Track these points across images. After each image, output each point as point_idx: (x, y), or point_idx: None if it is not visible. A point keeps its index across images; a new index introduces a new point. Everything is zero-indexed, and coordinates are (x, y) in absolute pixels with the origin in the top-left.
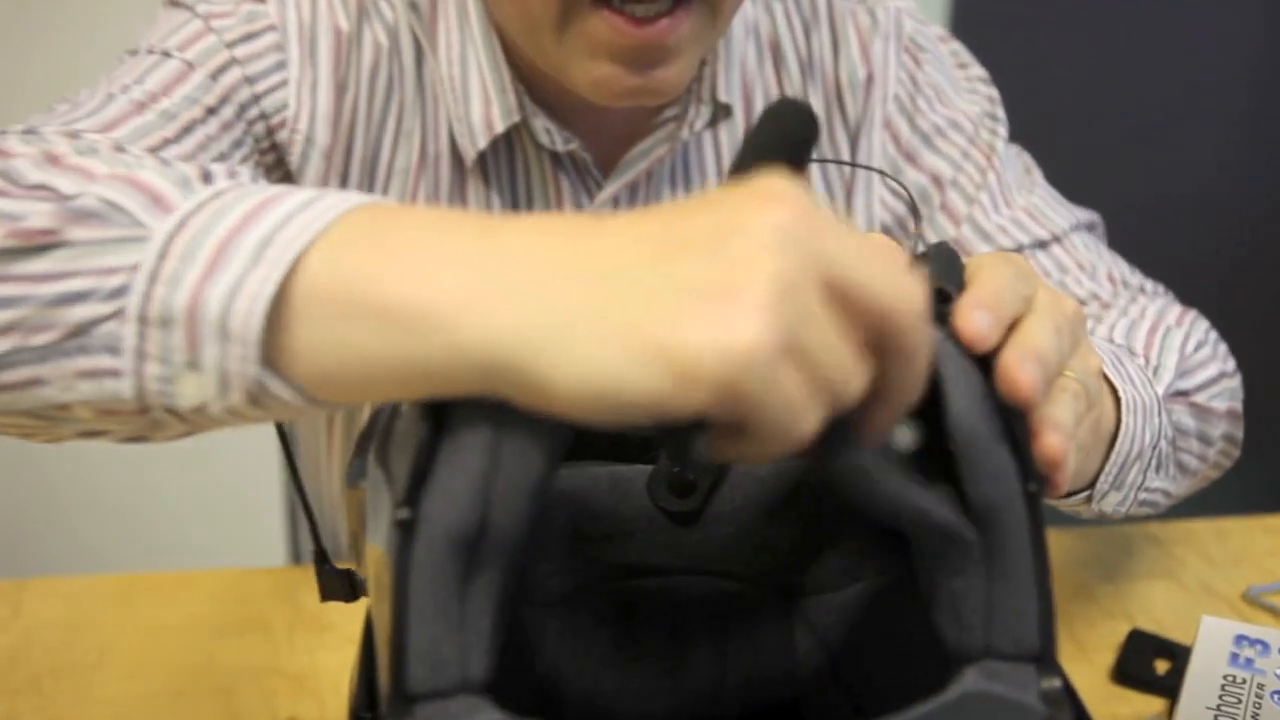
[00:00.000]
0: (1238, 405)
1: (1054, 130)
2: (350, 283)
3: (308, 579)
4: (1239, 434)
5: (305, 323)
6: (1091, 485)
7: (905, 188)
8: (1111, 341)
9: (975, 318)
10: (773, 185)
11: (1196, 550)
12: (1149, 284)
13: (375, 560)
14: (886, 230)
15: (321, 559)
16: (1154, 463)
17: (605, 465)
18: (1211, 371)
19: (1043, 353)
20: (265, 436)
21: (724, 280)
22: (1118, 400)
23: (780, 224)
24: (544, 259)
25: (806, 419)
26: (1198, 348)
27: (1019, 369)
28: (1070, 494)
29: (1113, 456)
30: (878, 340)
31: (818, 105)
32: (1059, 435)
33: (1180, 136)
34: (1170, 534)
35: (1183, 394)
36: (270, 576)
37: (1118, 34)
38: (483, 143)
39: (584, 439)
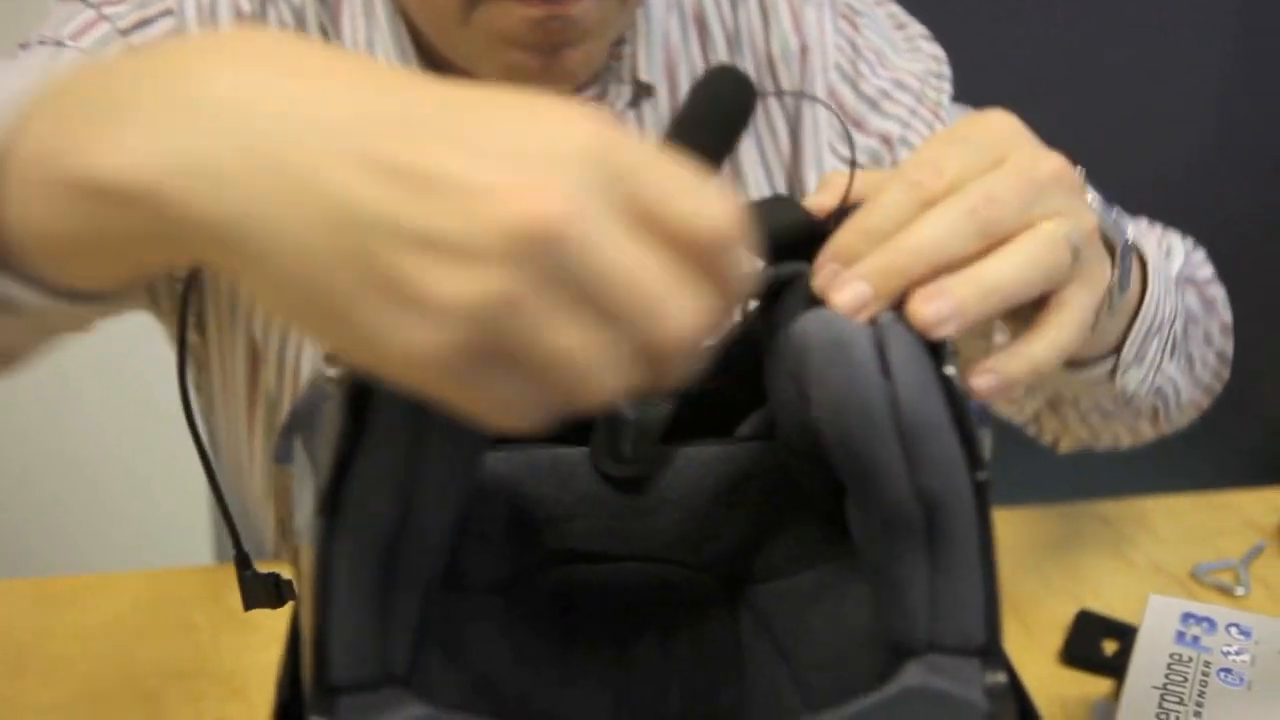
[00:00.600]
0: (1230, 319)
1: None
2: (46, 159)
3: (232, 578)
4: (1230, 351)
5: (20, 208)
6: (1117, 352)
7: (852, 143)
8: None
9: (935, 304)
10: (570, 149)
11: (1146, 529)
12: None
13: (303, 547)
14: None
15: (244, 565)
16: (1170, 345)
17: (546, 447)
18: (1210, 272)
19: (944, 288)
20: (186, 440)
21: (424, 287)
22: (1143, 266)
23: (522, 228)
24: (250, 131)
25: (528, 414)
26: (1193, 252)
27: (924, 306)
28: (1090, 364)
29: (1138, 322)
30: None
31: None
32: (1021, 358)
33: (1147, 122)
34: (1120, 513)
35: (1192, 279)
36: (195, 576)
37: (1086, 17)
38: None
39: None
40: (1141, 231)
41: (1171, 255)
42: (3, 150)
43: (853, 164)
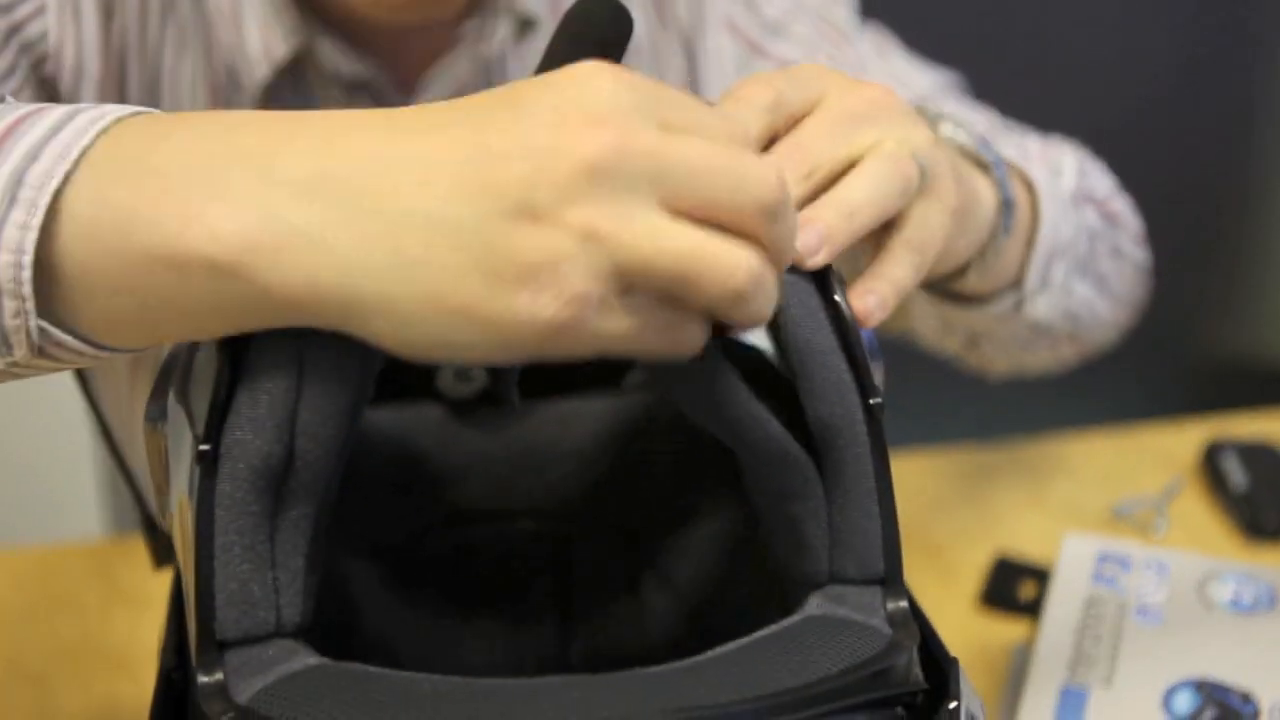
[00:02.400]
0: (1139, 228)
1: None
2: (121, 228)
3: (123, 552)
4: (1147, 260)
5: (84, 271)
6: (1019, 284)
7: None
8: None
9: (806, 234)
10: (592, 99)
11: (1063, 469)
12: (1022, 129)
13: (180, 507)
14: None
15: (149, 525)
16: (1076, 264)
17: (434, 404)
18: (1110, 183)
19: (821, 221)
20: (68, 404)
21: (532, 243)
22: (1031, 192)
23: (592, 159)
24: (335, 188)
25: (658, 342)
26: (1092, 167)
27: (799, 241)
28: (995, 297)
29: (1037, 248)
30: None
31: (641, 14)
32: (886, 283)
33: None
34: (1036, 453)
35: (1089, 197)
36: (81, 553)
37: None
38: (261, 73)
39: (404, 375)
40: (1028, 153)
41: (1061, 173)
42: (51, 209)
43: None
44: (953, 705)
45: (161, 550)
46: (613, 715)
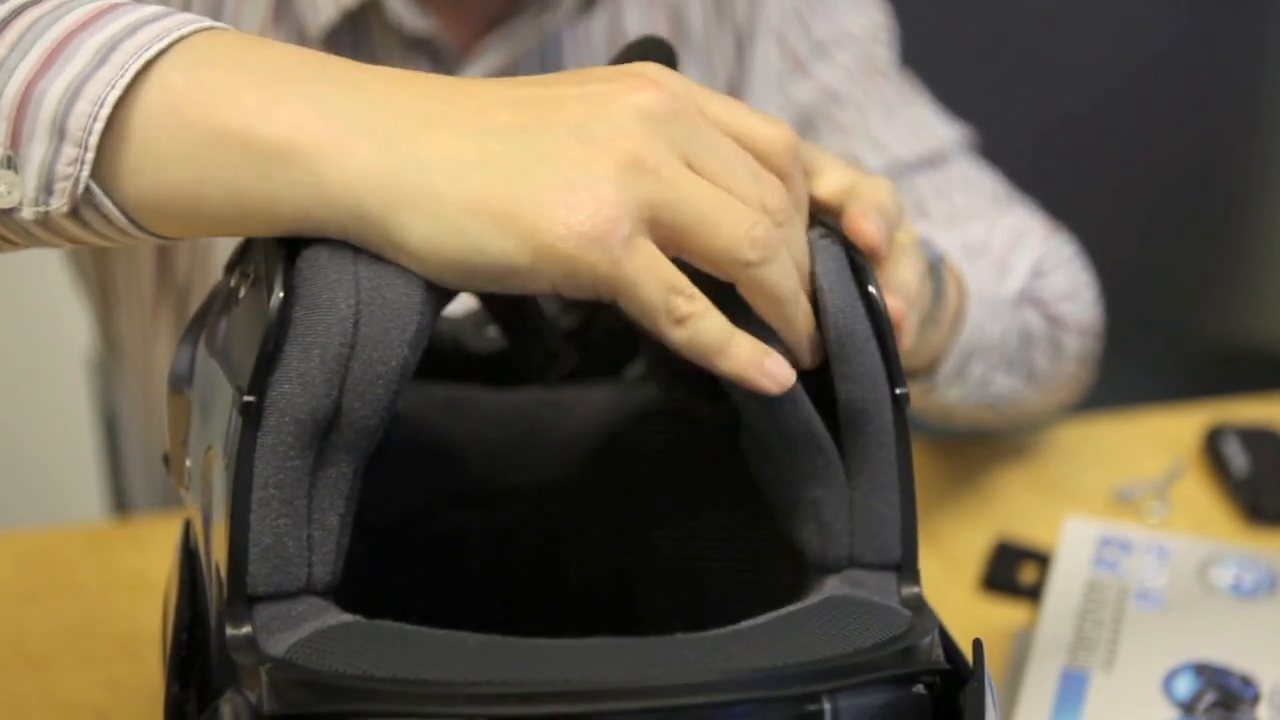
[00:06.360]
0: (1093, 324)
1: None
2: (211, 103)
3: (125, 534)
4: (1093, 353)
5: (153, 137)
6: (932, 372)
7: None
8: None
9: (872, 218)
10: (646, 68)
11: (1065, 453)
12: (1021, 201)
13: (207, 463)
14: None
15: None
16: (1001, 361)
17: (439, 383)
18: (1064, 283)
19: (884, 207)
20: (70, 385)
21: (580, 159)
22: (960, 290)
23: (644, 105)
24: (411, 110)
25: (678, 299)
26: (1058, 264)
27: (863, 219)
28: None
29: (957, 345)
30: None
31: (700, 8)
32: (899, 298)
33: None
34: (1039, 438)
35: (1034, 299)
36: (83, 535)
37: None
38: (327, 15)
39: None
40: (988, 246)
41: (1010, 273)
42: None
43: None
44: (977, 685)
45: None
46: (665, 674)
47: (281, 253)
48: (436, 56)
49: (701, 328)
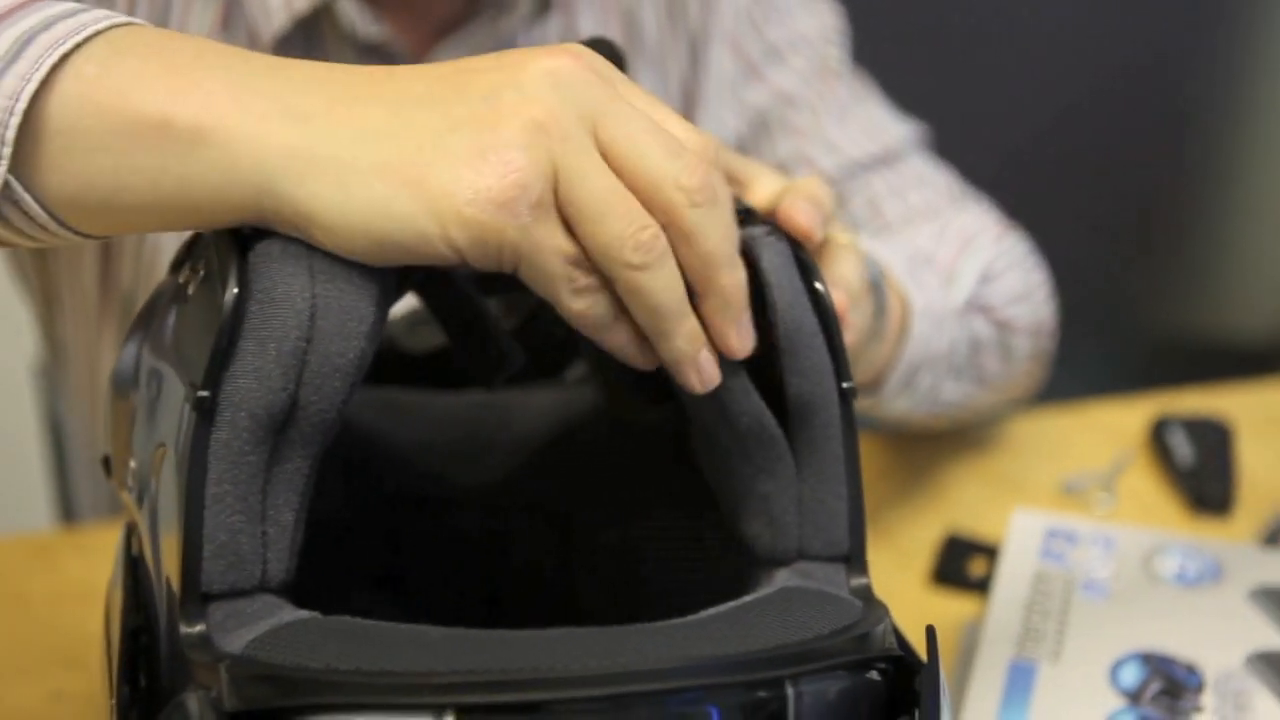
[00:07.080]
0: (1045, 322)
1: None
2: (124, 89)
3: (71, 545)
4: (1046, 351)
5: (69, 127)
6: (878, 387)
7: None
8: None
9: (803, 207)
10: (570, 46)
11: (1012, 446)
12: (975, 198)
13: (156, 461)
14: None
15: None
16: (949, 371)
17: (382, 387)
18: (1014, 285)
19: (816, 198)
20: (14, 395)
21: (490, 123)
22: (904, 306)
23: (554, 69)
24: (326, 88)
25: (577, 272)
26: (1009, 265)
27: (795, 209)
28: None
29: (902, 359)
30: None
31: (653, 11)
32: (840, 291)
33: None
34: (987, 432)
35: (983, 306)
36: (27, 545)
37: None
38: (279, 22)
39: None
40: (933, 255)
41: (956, 281)
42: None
43: None
44: (931, 669)
45: None
46: (630, 661)
47: (234, 247)
48: (390, 63)
49: (595, 300)
